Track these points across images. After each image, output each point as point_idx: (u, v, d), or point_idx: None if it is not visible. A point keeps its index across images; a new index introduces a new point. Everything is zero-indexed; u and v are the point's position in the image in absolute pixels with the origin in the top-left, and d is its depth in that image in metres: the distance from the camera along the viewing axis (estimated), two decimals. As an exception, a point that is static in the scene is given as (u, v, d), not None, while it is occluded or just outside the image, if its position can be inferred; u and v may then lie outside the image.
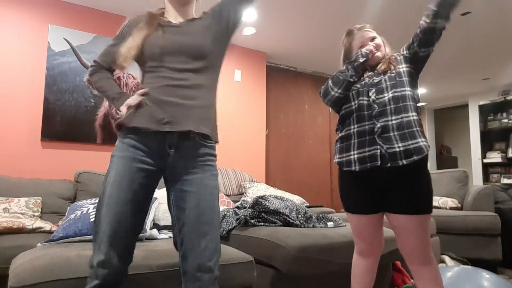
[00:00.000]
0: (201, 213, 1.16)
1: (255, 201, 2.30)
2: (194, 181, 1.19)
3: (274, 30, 3.56)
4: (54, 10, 2.97)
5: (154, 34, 1.27)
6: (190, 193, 1.18)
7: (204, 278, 1.14)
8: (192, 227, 1.16)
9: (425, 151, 1.39)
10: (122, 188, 1.15)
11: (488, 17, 3.20)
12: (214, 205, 1.21)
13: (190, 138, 1.21)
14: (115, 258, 1.13)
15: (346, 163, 1.50)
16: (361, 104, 1.50)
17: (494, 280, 1.76)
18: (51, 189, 2.50)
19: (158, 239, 1.95)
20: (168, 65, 1.24)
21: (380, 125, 1.43)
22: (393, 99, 1.45)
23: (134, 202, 1.17)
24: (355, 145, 1.48)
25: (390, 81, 1.49)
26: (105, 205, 1.15)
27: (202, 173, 1.20)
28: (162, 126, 1.18)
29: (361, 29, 1.63)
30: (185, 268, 1.16)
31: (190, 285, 1.15)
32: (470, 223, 3.07)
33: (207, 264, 1.14)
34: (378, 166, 1.41)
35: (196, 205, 1.17)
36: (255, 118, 4.00)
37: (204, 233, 1.16)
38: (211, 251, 1.16)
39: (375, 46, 1.57)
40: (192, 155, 1.21)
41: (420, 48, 1.46)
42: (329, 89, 1.57)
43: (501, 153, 5.33)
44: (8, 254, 1.74)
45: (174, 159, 1.21)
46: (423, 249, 1.42)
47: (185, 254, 1.16)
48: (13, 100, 2.75)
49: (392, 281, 2.27)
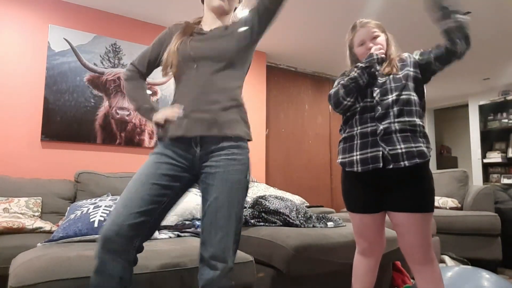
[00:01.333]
0: (219, 207, 1.21)
1: (255, 201, 2.30)
2: (217, 176, 1.23)
3: (274, 30, 3.56)
4: (54, 10, 2.97)
5: (183, 42, 1.33)
6: (212, 186, 1.23)
7: (218, 267, 1.19)
8: (210, 219, 1.21)
9: (427, 156, 1.41)
10: (149, 171, 1.23)
11: (488, 17, 3.20)
12: (234, 200, 1.24)
13: (214, 136, 1.27)
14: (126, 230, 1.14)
15: (348, 164, 1.51)
16: (365, 106, 1.49)
17: (494, 280, 1.76)
18: (51, 189, 2.49)
19: (158, 239, 1.95)
20: (189, 72, 1.30)
21: (382, 127, 1.43)
22: (397, 102, 1.44)
23: (158, 187, 1.21)
24: (357, 146, 1.49)
25: (395, 83, 1.48)
26: (128, 186, 1.21)
27: (224, 168, 1.24)
28: (188, 131, 1.25)
29: (364, 25, 1.58)
30: (202, 254, 1.22)
31: (205, 271, 1.20)
32: (470, 223, 3.07)
33: (222, 255, 1.20)
34: (380, 167, 1.42)
35: (215, 199, 1.22)
36: (255, 118, 4.00)
37: (221, 227, 1.21)
38: (226, 243, 1.21)
39: (378, 49, 1.53)
40: (216, 149, 1.26)
41: (435, 62, 1.46)
42: (341, 99, 1.51)
43: (501, 153, 5.33)
44: (8, 254, 1.74)
45: (200, 155, 1.27)
46: (424, 248, 1.42)
47: (204, 242, 1.22)
48: (13, 100, 2.75)
49: (392, 281, 2.27)
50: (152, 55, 1.42)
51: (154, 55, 1.42)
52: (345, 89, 1.50)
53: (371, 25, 1.57)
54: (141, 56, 1.43)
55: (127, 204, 1.17)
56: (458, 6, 1.38)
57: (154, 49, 1.41)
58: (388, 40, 1.59)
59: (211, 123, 1.25)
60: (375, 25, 1.58)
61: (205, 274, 1.20)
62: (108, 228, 1.13)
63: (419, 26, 3.31)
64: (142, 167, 1.26)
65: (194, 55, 1.30)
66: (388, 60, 1.54)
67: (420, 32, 3.40)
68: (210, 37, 1.35)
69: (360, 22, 1.60)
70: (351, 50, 1.63)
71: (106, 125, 3.06)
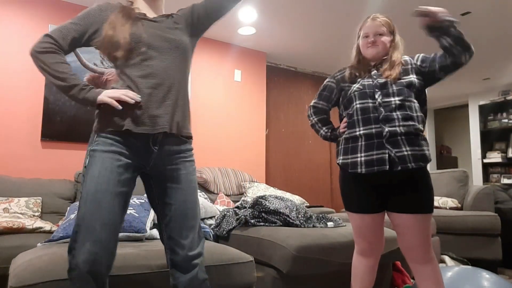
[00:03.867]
0: (188, 208, 1.21)
1: (255, 201, 2.30)
2: (180, 178, 1.22)
3: (274, 30, 3.56)
4: (54, 10, 2.96)
5: (135, 26, 1.23)
6: (176, 189, 1.21)
7: (195, 265, 1.19)
8: (180, 222, 1.20)
9: (429, 160, 1.44)
10: (110, 182, 1.13)
11: (488, 17, 3.20)
12: (197, 199, 1.27)
13: (174, 136, 1.24)
14: (105, 254, 1.10)
15: (351, 165, 1.49)
16: (367, 107, 1.48)
17: (494, 280, 1.76)
18: (51, 189, 2.49)
19: (158, 239, 1.95)
20: (151, 61, 1.21)
21: (388, 130, 1.43)
22: (400, 107, 1.44)
23: (123, 195, 1.17)
24: (362, 148, 1.47)
25: (397, 87, 1.47)
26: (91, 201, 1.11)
27: (185, 169, 1.24)
28: (149, 128, 1.18)
29: (374, 19, 1.56)
30: (175, 261, 1.20)
31: (181, 276, 1.19)
32: (470, 223, 3.07)
33: (196, 252, 1.20)
34: (386, 170, 1.41)
35: (184, 201, 1.21)
36: (255, 118, 4.00)
37: (191, 227, 1.21)
38: (197, 240, 1.22)
39: (370, 45, 1.53)
40: (175, 152, 1.24)
41: (440, 71, 1.47)
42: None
43: (501, 153, 5.33)
44: (8, 254, 1.74)
45: (157, 156, 1.21)
46: (424, 248, 1.43)
47: (174, 248, 1.20)
48: (13, 100, 2.75)
49: (392, 281, 2.27)
50: (78, 32, 1.22)
51: (80, 33, 1.23)
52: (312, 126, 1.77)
53: (380, 20, 1.55)
54: (62, 31, 1.22)
55: (105, 222, 1.10)
56: (450, 19, 1.36)
57: (80, 26, 1.23)
58: (394, 42, 1.56)
59: (172, 121, 1.20)
60: (385, 22, 1.55)
61: (181, 277, 1.19)
62: (91, 250, 1.06)
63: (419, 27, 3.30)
64: (102, 172, 1.13)
65: (151, 42, 1.21)
66: (389, 63, 1.52)
67: (421, 32, 3.40)
68: (164, 27, 1.28)
69: (373, 15, 1.58)
70: (357, 43, 1.62)
71: (106, 125, 3.05)
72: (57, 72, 1.17)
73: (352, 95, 1.54)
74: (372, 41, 1.53)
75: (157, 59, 1.22)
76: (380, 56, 1.55)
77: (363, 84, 1.52)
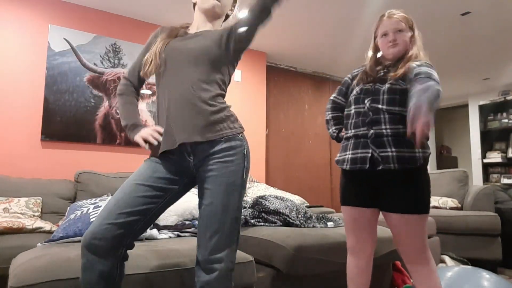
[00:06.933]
0: (214, 211, 1.21)
1: (255, 201, 2.30)
2: (210, 180, 1.23)
3: (274, 30, 3.56)
4: (54, 10, 2.97)
5: (163, 43, 1.30)
6: (206, 190, 1.23)
7: (215, 269, 1.18)
8: (205, 222, 1.21)
9: (418, 162, 1.39)
10: (141, 174, 1.23)
11: (488, 17, 3.20)
12: (228, 203, 1.22)
13: (200, 142, 1.24)
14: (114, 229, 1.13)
15: (341, 161, 1.57)
16: (358, 111, 1.52)
17: (494, 280, 1.76)
18: (51, 189, 2.49)
19: (158, 239, 1.95)
20: (164, 79, 1.28)
21: (373, 131, 1.45)
22: (388, 112, 1.43)
23: (152, 188, 1.21)
24: (350, 146, 1.53)
25: (388, 95, 1.44)
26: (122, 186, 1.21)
27: (217, 171, 1.23)
28: (169, 145, 1.24)
29: (391, 16, 1.52)
30: (198, 257, 1.22)
31: (201, 274, 1.20)
32: (470, 223, 3.07)
33: (218, 256, 1.19)
34: (368, 168, 1.43)
35: (210, 203, 1.21)
36: (255, 118, 4.00)
37: (215, 230, 1.20)
38: (222, 245, 1.20)
39: (391, 44, 1.50)
40: (209, 154, 1.24)
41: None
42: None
43: (501, 153, 5.33)
44: (8, 254, 1.74)
45: (196, 163, 1.26)
46: (418, 249, 1.42)
47: (199, 245, 1.22)
48: (13, 100, 2.75)
49: (392, 281, 2.27)
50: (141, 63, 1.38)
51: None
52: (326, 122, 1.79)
53: (397, 17, 1.51)
54: (132, 66, 1.41)
55: (119, 204, 1.16)
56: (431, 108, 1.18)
57: (142, 55, 1.38)
58: (413, 38, 1.53)
59: (184, 131, 1.22)
60: (403, 18, 1.52)
61: (201, 277, 1.20)
62: (95, 229, 1.13)
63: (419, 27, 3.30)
64: (138, 169, 1.26)
65: (167, 57, 1.28)
66: (404, 61, 1.48)
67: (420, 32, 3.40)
68: (189, 37, 1.32)
69: (389, 12, 1.54)
70: (375, 40, 1.60)
71: (106, 125, 3.06)
72: (120, 113, 1.38)
73: (351, 99, 1.59)
74: (392, 40, 1.50)
75: (169, 73, 1.28)
76: (401, 54, 1.52)
77: (362, 89, 1.54)
